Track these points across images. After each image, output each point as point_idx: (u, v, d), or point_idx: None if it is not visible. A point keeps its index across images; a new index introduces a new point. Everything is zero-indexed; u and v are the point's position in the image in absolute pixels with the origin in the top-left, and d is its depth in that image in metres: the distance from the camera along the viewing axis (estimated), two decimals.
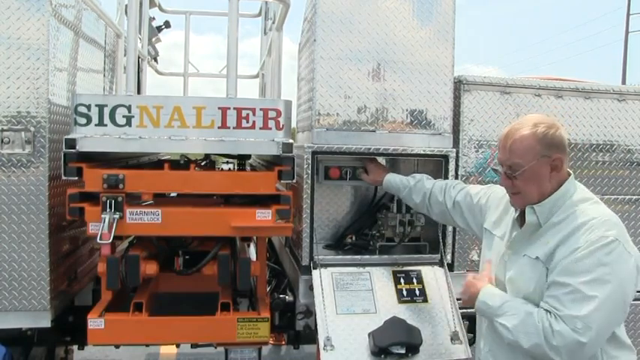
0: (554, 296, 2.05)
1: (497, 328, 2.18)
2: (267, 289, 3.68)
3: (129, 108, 2.95)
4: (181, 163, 3.34)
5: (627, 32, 31.20)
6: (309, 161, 3.18)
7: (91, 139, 2.92)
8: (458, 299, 2.37)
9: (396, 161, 3.62)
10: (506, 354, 2.28)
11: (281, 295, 3.68)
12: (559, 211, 2.18)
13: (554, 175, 2.19)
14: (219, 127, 3.00)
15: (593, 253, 2.02)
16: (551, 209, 2.19)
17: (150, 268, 3.06)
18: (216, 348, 3.60)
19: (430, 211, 3.05)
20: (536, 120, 2.21)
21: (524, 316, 2.09)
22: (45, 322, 3.10)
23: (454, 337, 2.96)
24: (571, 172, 2.27)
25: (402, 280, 3.18)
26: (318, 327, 2.90)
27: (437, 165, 3.38)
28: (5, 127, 2.98)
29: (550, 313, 2.04)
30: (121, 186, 2.89)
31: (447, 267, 3.29)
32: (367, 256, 3.29)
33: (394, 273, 3.20)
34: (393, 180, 3.17)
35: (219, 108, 3.00)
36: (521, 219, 2.32)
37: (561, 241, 2.11)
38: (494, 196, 2.65)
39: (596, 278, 2.00)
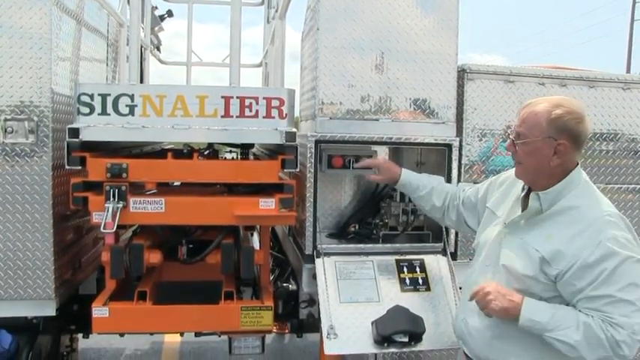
0: (597, 309, 2.05)
1: (553, 344, 2.10)
2: (271, 278, 3.69)
3: (132, 97, 2.94)
4: (184, 153, 3.35)
5: (632, 20, 31.00)
6: (313, 150, 3.17)
7: (94, 128, 2.93)
8: (487, 314, 2.23)
9: (399, 150, 3.62)
10: (476, 326, 2.35)
11: (284, 284, 3.70)
12: (562, 200, 2.19)
13: (555, 160, 2.16)
14: (222, 116, 2.99)
15: (618, 264, 2.04)
16: (555, 197, 2.19)
17: (153, 257, 3.07)
18: (220, 336, 3.63)
19: (446, 215, 2.91)
20: (560, 102, 2.18)
21: (584, 328, 2.04)
22: (50, 310, 3.13)
23: None
24: (578, 162, 2.26)
25: (405, 269, 3.18)
26: (321, 315, 2.91)
27: (440, 154, 3.37)
28: (8, 117, 2.98)
29: (604, 321, 2.03)
30: (124, 175, 2.90)
31: (450, 256, 3.29)
32: (370, 245, 3.29)
33: (397, 262, 3.20)
34: (412, 179, 2.97)
35: (222, 97, 2.99)
36: (524, 200, 2.33)
37: (569, 241, 2.10)
38: (497, 180, 2.64)
39: (630, 283, 2.04)
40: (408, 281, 3.13)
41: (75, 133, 2.90)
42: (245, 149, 3.69)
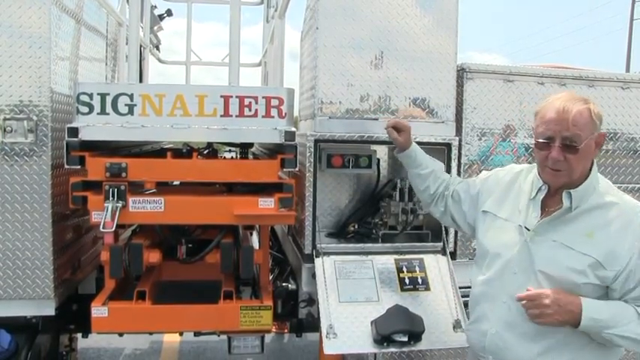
0: None
1: (613, 340, 2.08)
2: (270, 278, 3.69)
3: (131, 96, 2.94)
4: (184, 152, 3.34)
5: (632, 19, 31.03)
6: (312, 149, 3.17)
7: (94, 127, 2.92)
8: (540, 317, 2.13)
9: None
10: (516, 338, 2.24)
11: (284, 284, 3.70)
12: (590, 197, 2.18)
13: (596, 153, 2.19)
14: (221, 116, 2.99)
15: None
16: (583, 195, 2.17)
17: (153, 257, 3.07)
18: (219, 336, 3.63)
19: (435, 203, 2.83)
20: (579, 97, 2.21)
21: None
22: (49, 310, 3.12)
23: (456, 326, 2.97)
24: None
25: (404, 269, 3.18)
26: (320, 315, 2.91)
27: (440, 153, 3.36)
28: (8, 116, 2.98)
29: None
30: (123, 174, 2.89)
31: (449, 255, 3.29)
32: (370, 245, 3.28)
33: (397, 261, 3.20)
34: (419, 153, 2.86)
35: (221, 96, 2.99)
36: (548, 201, 2.28)
37: (617, 238, 2.10)
38: (493, 180, 2.56)
39: None
40: (407, 281, 3.13)
41: (74, 132, 2.89)
42: (244, 148, 3.69)
